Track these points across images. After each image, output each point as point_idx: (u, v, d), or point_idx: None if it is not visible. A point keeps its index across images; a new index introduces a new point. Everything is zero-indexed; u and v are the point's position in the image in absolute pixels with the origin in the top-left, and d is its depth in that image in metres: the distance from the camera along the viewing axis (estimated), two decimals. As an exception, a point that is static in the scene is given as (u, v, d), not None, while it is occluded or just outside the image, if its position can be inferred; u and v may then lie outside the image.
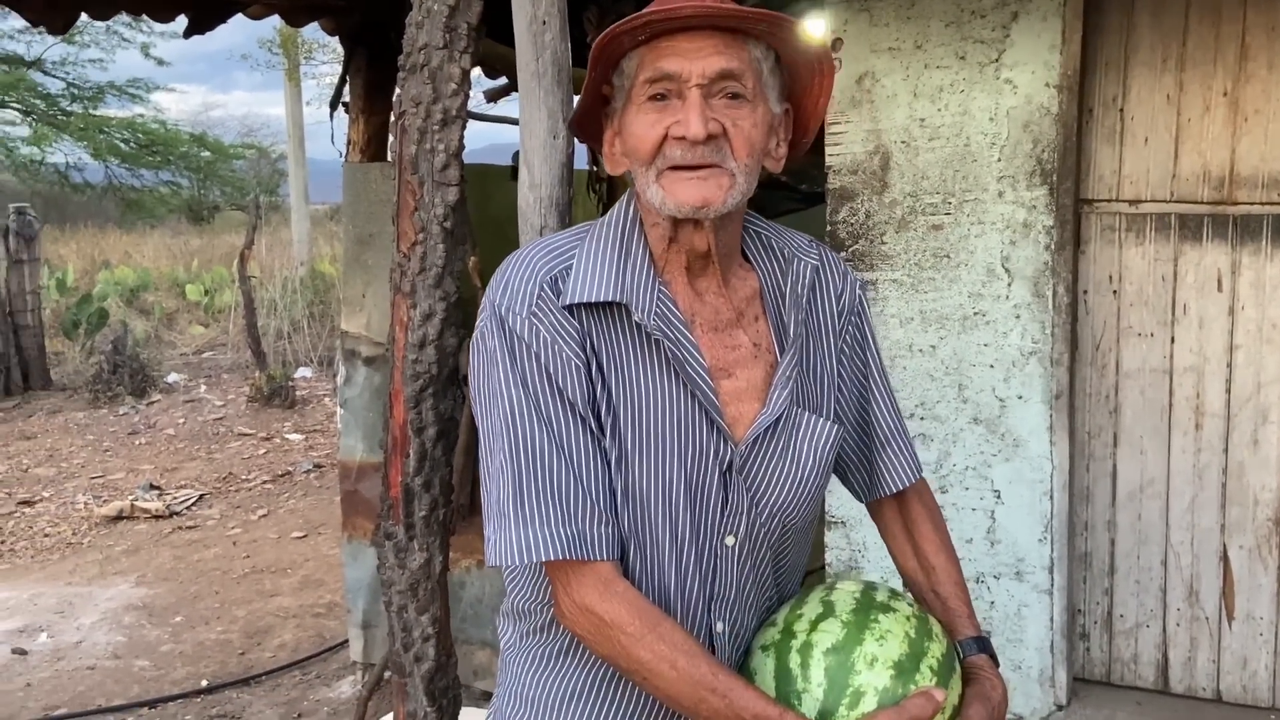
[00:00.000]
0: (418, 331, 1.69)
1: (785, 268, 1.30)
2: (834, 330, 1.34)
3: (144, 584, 5.10)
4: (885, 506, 1.45)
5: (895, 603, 1.27)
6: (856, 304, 1.37)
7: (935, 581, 1.39)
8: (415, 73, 1.62)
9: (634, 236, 1.24)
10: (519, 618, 1.33)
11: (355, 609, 3.87)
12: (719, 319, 1.26)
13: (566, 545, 1.15)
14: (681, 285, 1.24)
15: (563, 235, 1.28)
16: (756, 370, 1.26)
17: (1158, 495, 2.74)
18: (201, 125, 20.12)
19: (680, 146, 1.15)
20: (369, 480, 3.87)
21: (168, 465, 7.22)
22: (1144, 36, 2.65)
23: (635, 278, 1.21)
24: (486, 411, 1.21)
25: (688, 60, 1.15)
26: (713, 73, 1.15)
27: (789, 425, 1.26)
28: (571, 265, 1.21)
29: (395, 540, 1.72)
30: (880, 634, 1.20)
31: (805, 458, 1.27)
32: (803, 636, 1.22)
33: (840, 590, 1.29)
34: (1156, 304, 2.69)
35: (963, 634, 1.35)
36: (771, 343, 1.28)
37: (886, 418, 1.39)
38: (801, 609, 1.27)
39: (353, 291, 3.90)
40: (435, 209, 1.67)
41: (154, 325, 12.08)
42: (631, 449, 1.20)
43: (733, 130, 1.16)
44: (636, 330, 1.21)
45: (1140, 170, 2.68)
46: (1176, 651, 2.79)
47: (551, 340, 1.18)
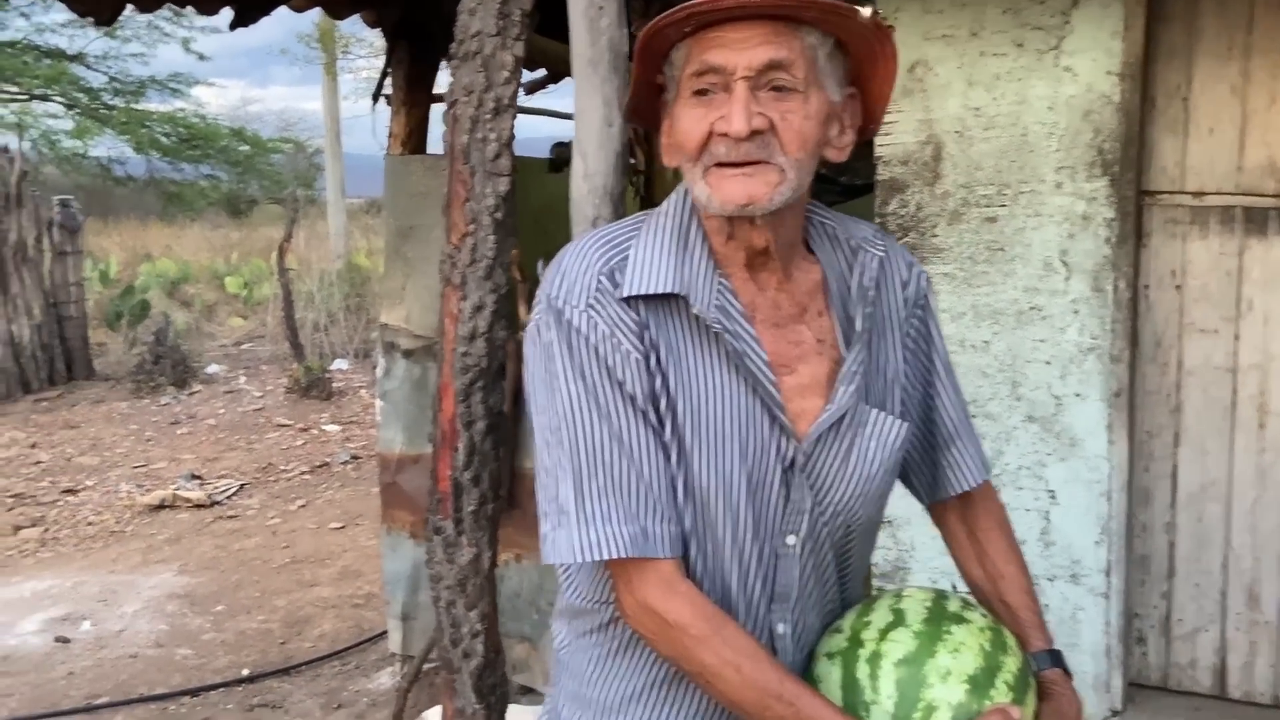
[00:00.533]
0: (468, 324, 1.67)
1: (851, 259, 1.26)
2: (899, 323, 1.29)
3: (186, 573, 5.14)
4: (949, 510, 1.39)
5: (968, 613, 1.22)
6: (922, 296, 1.32)
7: (1004, 590, 1.33)
8: (468, 60, 1.59)
9: (692, 227, 1.20)
10: (575, 617, 1.30)
11: (394, 601, 3.86)
12: (780, 313, 1.21)
13: (630, 543, 1.12)
14: (742, 279, 1.20)
15: (619, 226, 1.24)
16: (820, 366, 1.22)
17: (1219, 497, 2.66)
18: (240, 120, 20.29)
19: (724, 143, 1.11)
20: (408, 472, 3.86)
21: (208, 455, 7.28)
22: (1208, 24, 2.57)
23: (694, 269, 1.17)
24: (543, 406, 1.18)
25: (733, 52, 1.10)
26: (759, 64, 1.10)
27: (855, 422, 1.22)
28: (629, 256, 1.17)
29: (444, 535, 1.69)
30: (954, 646, 1.15)
31: (872, 456, 1.23)
32: (871, 646, 1.18)
33: (910, 598, 1.24)
34: (1220, 299, 2.60)
35: (1035, 646, 1.30)
36: (835, 337, 1.23)
37: (951, 415, 1.34)
38: (869, 616, 1.22)
39: (393, 284, 3.89)
40: (486, 199, 1.64)
41: (194, 317, 12.21)
42: (691, 445, 1.16)
43: (781, 124, 1.11)
44: (695, 323, 1.17)
45: (1204, 162, 2.60)
46: (1235, 656, 2.71)
47: (610, 333, 1.14)
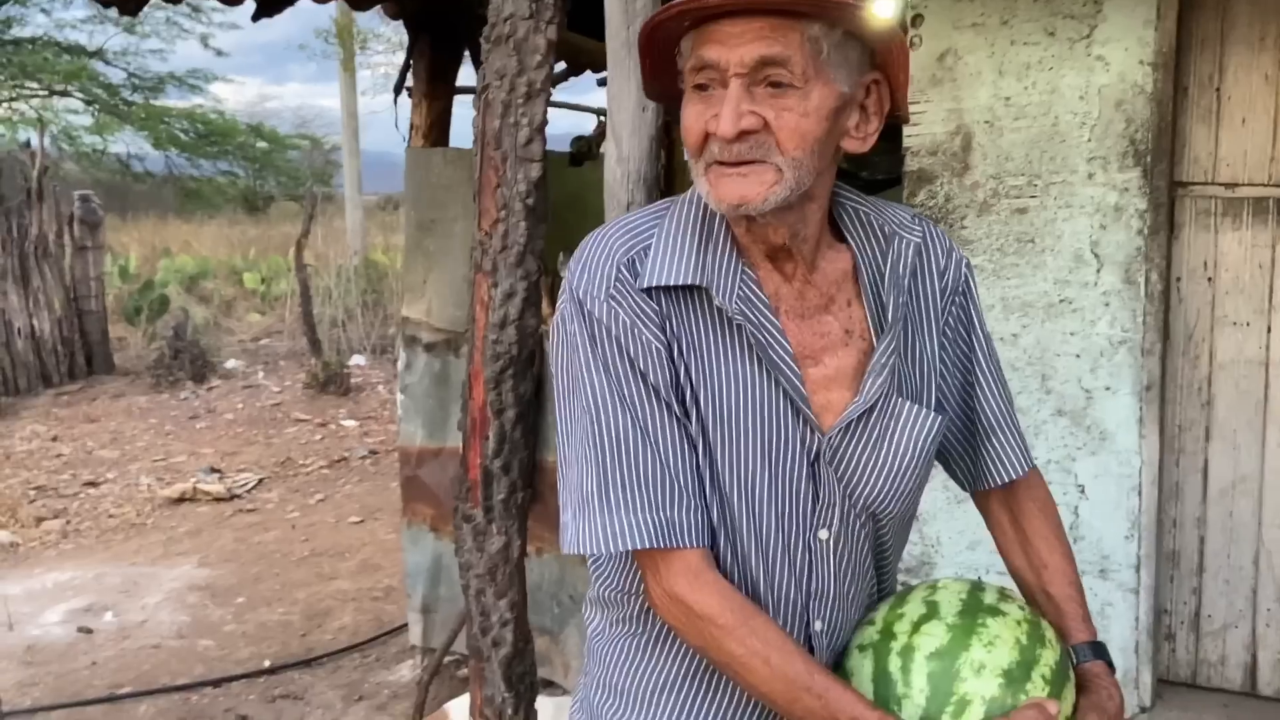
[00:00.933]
0: (499, 311, 1.65)
1: (885, 246, 1.22)
2: (936, 311, 1.26)
3: (206, 565, 5.16)
4: (992, 499, 1.36)
5: (1005, 605, 1.19)
6: (962, 283, 1.28)
7: (1047, 580, 1.30)
8: (500, 44, 1.58)
9: (715, 216, 1.17)
10: (607, 606, 1.29)
11: (414, 594, 3.86)
12: (805, 304, 1.19)
13: (655, 533, 1.11)
14: (766, 269, 1.18)
15: (642, 214, 1.22)
16: (847, 357, 1.19)
17: (1250, 492, 2.63)
18: (257, 116, 20.40)
19: (717, 143, 1.08)
20: (428, 466, 3.86)
21: (227, 449, 7.31)
22: (1242, 13, 2.54)
23: (717, 259, 1.15)
24: (567, 396, 1.17)
25: (727, 48, 1.07)
26: (751, 60, 1.06)
27: (885, 414, 1.19)
28: (650, 245, 1.15)
29: (474, 523, 1.69)
30: (989, 639, 1.13)
31: (903, 448, 1.19)
32: (904, 639, 1.16)
33: (945, 590, 1.21)
34: (1253, 292, 2.57)
35: (1076, 638, 1.27)
36: (866, 327, 1.20)
37: (993, 405, 1.30)
38: (903, 608, 1.20)
39: (414, 278, 3.88)
40: (518, 185, 1.63)
41: (213, 312, 12.26)
42: (714, 438, 1.15)
43: (776, 122, 1.07)
44: (718, 314, 1.15)
45: (1237, 152, 2.57)
46: (1266, 653, 2.68)
47: (631, 324, 1.12)
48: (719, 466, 1.15)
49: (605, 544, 1.11)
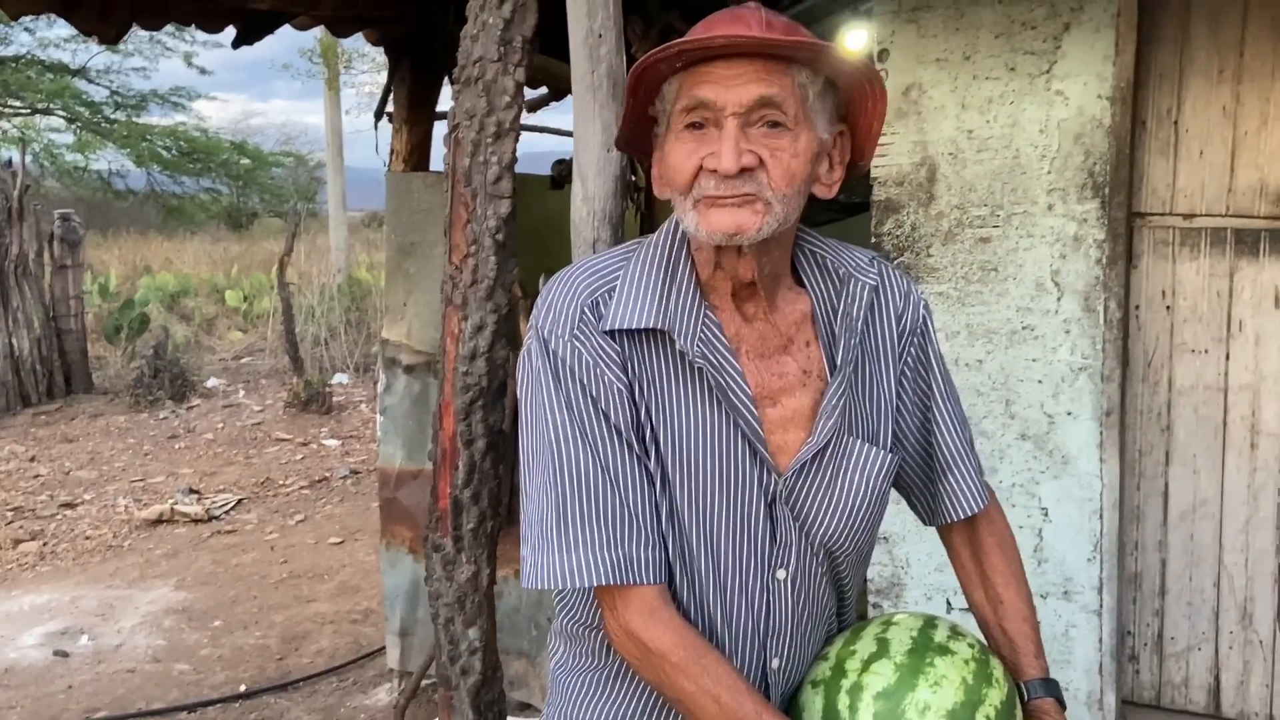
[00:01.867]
0: (468, 344, 1.69)
1: (840, 288, 1.25)
2: (893, 352, 1.29)
3: (183, 588, 5.15)
4: (954, 533, 1.40)
5: (954, 643, 1.22)
6: (919, 324, 1.31)
7: (1003, 616, 1.34)
8: (469, 85, 1.62)
9: (680, 258, 1.20)
10: (570, 640, 1.32)
11: (393, 616, 3.88)
12: (766, 345, 1.22)
13: (612, 569, 1.13)
14: (728, 310, 1.21)
15: (609, 255, 1.25)
16: (804, 397, 1.22)
17: (1211, 515, 2.69)
18: (241, 133, 20.41)
19: (714, 178, 1.12)
20: (408, 488, 3.88)
21: (207, 469, 7.29)
22: (1200, 47, 2.61)
23: (680, 302, 1.18)
24: (530, 431, 1.19)
25: (724, 89, 1.10)
26: (749, 101, 1.10)
27: (838, 453, 1.22)
28: (615, 287, 1.18)
29: (443, 552, 1.72)
30: (935, 679, 1.16)
31: (856, 487, 1.23)
32: (854, 676, 1.19)
33: (897, 627, 1.24)
34: (1211, 320, 2.64)
35: (1029, 675, 1.30)
36: (822, 368, 1.23)
37: (950, 442, 1.33)
38: (855, 645, 1.23)
39: (394, 300, 3.92)
40: (487, 221, 1.67)
41: (194, 330, 12.24)
42: (674, 477, 1.17)
43: (770, 160, 1.12)
44: (680, 356, 1.18)
45: (1195, 184, 2.63)
46: (1229, 675, 2.73)
47: (594, 364, 1.15)
48: (679, 505, 1.17)
49: (564, 579, 1.14)
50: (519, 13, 1.58)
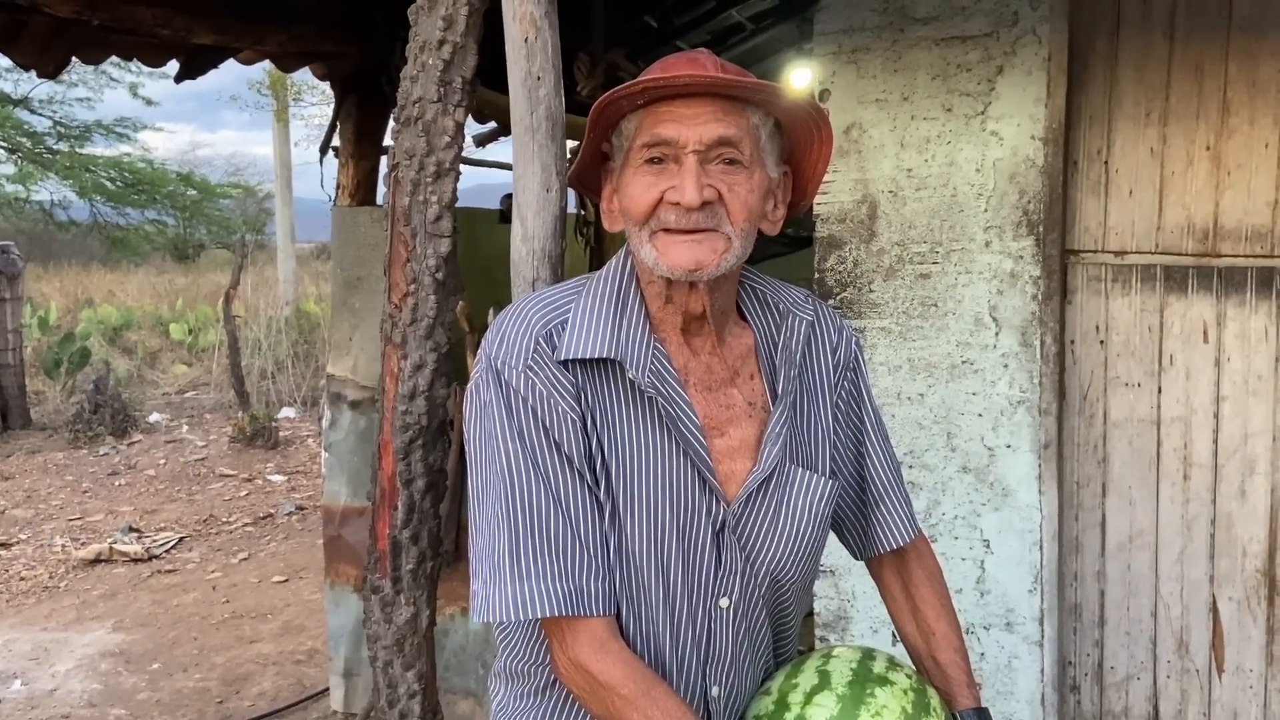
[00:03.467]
0: (408, 382, 1.68)
1: (780, 323, 1.30)
2: (829, 385, 1.33)
3: (121, 629, 5.01)
4: (884, 566, 1.43)
5: (893, 674, 1.25)
6: (852, 359, 1.36)
7: (934, 648, 1.38)
8: (409, 125, 1.63)
9: (630, 292, 1.23)
10: (513, 679, 1.31)
11: (337, 657, 3.81)
12: (713, 377, 1.25)
13: (563, 601, 1.14)
14: (676, 343, 1.24)
15: (559, 289, 1.27)
16: (750, 428, 1.25)
17: (1147, 546, 2.74)
18: (189, 164, 20.16)
19: (675, 211, 1.15)
20: (353, 525, 3.83)
21: (147, 507, 7.13)
22: (1127, 90, 2.69)
23: (630, 334, 1.20)
24: (480, 464, 1.19)
25: (685, 126, 1.15)
26: (710, 139, 1.15)
27: (782, 482, 1.25)
28: (567, 319, 1.20)
29: (382, 594, 1.70)
30: (876, 710, 1.19)
31: (800, 514, 1.26)
32: (797, 710, 1.21)
33: (837, 659, 1.27)
34: (1143, 354, 2.70)
35: (962, 704, 1.34)
36: (766, 400, 1.27)
37: (881, 474, 1.38)
38: (797, 678, 1.25)
39: (340, 334, 3.89)
40: (427, 260, 1.67)
41: (136, 364, 11.99)
42: (624, 507, 1.19)
43: (729, 195, 1.16)
44: (630, 387, 1.20)
45: (1125, 222, 2.71)
46: (1167, 704, 2.77)
47: (547, 394, 1.17)
48: (629, 535, 1.18)
49: (515, 611, 1.14)
50: (458, 54, 1.59)
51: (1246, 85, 2.58)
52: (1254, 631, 2.68)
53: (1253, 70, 2.58)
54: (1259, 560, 2.66)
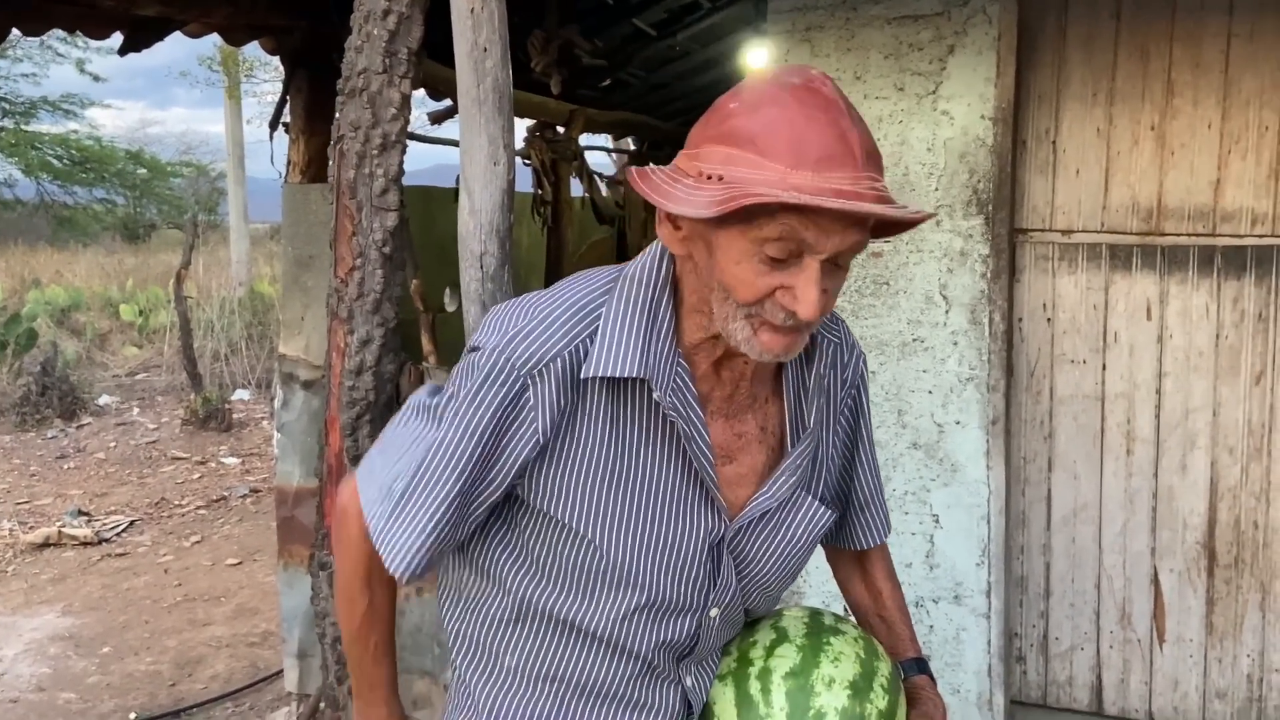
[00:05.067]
0: (355, 358, 1.67)
1: (812, 349, 1.24)
2: (837, 405, 1.32)
3: (70, 613, 4.93)
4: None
5: (842, 625, 1.30)
6: (859, 376, 1.34)
7: (881, 606, 1.42)
8: (354, 97, 1.60)
9: (664, 301, 1.15)
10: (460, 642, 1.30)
11: (290, 638, 3.77)
12: (732, 406, 1.21)
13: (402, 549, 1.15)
14: (706, 367, 1.18)
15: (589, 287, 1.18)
16: (759, 454, 1.22)
17: (1091, 519, 2.80)
18: (138, 142, 19.74)
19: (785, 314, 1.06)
20: (306, 506, 3.79)
21: (97, 490, 7.01)
22: (1075, 71, 2.73)
23: (659, 350, 1.14)
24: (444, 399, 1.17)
25: (826, 235, 1.03)
26: (845, 248, 1.05)
27: (786, 508, 1.24)
28: (597, 329, 1.13)
29: (330, 570, 1.68)
30: (834, 656, 1.23)
31: (798, 538, 1.25)
32: (760, 663, 1.24)
33: (789, 616, 1.31)
34: (1089, 332, 2.75)
35: (904, 655, 1.39)
36: (779, 425, 1.23)
37: (867, 483, 1.39)
38: (754, 636, 1.29)
39: (291, 314, 3.83)
40: (374, 234, 1.65)
41: (85, 346, 11.75)
42: (622, 519, 1.16)
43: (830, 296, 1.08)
44: (647, 401, 1.16)
45: (1072, 201, 2.75)
46: (1110, 674, 2.83)
47: (535, 404, 1.12)
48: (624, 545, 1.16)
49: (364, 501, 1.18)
50: (404, 25, 1.57)
51: (1190, 66, 2.63)
52: (1194, 602, 2.75)
53: (1196, 52, 2.62)
54: (1199, 533, 2.72)
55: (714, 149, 1.06)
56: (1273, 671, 2.70)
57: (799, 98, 1.03)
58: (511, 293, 1.62)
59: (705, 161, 1.06)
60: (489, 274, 1.58)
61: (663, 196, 1.07)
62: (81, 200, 17.40)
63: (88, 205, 17.72)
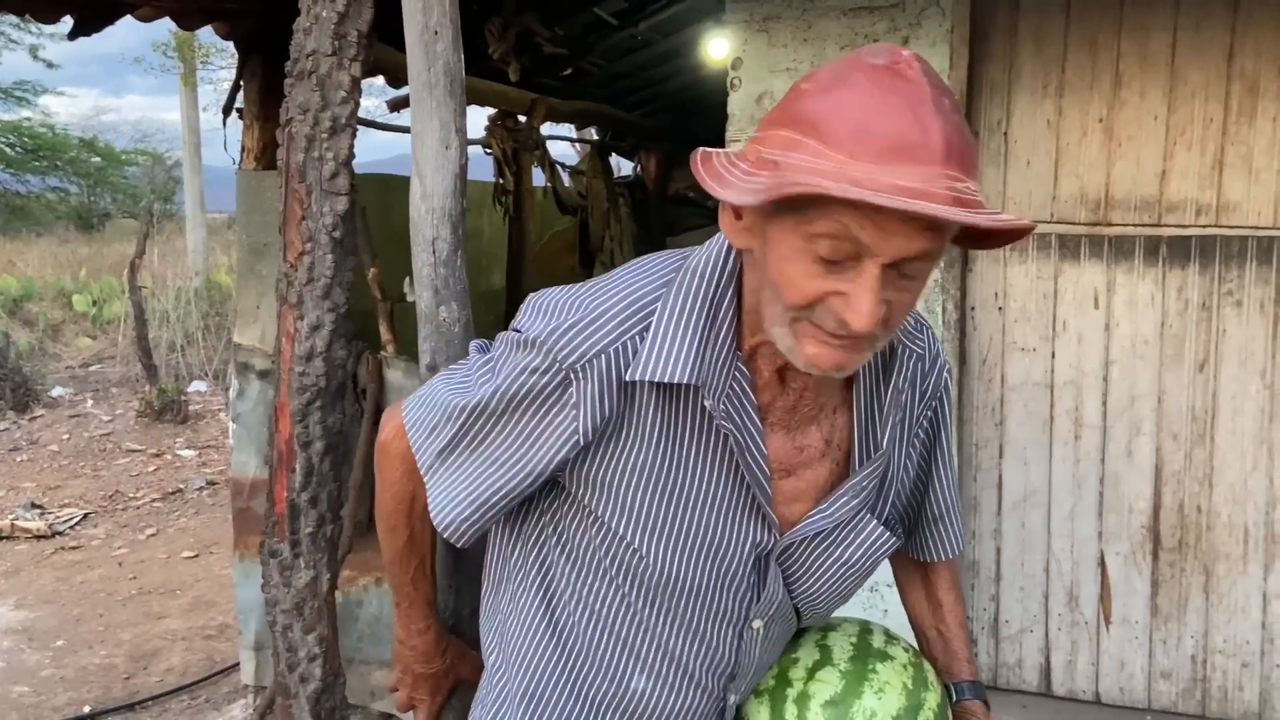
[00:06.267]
0: (305, 343, 1.66)
1: (891, 360, 1.14)
2: (914, 419, 1.22)
3: (23, 606, 4.86)
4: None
5: (891, 648, 1.23)
6: (942, 389, 1.24)
7: (940, 619, 1.36)
8: (303, 80, 1.59)
9: (725, 297, 1.06)
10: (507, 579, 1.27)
11: (247, 630, 3.74)
12: (796, 417, 1.12)
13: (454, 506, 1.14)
14: (769, 374, 1.09)
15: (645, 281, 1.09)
16: (821, 469, 1.14)
17: (1040, 504, 2.85)
18: (93, 130, 19.41)
19: (837, 322, 0.94)
20: (262, 497, 3.76)
21: (50, 483, 6.90)
22: (1026, 63, 2.77)
23: (716, 353, 1.05)
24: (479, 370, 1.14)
25: (886, 238, 0.90)
26: (912, 253, 0.91)
27: (845, 528, 1.17)
28: (650, 325, 1.05)
29: (280, 558, 1.68)
30: (879, 686, 1.17)
31: (854, 560, 1.18)
32: (799, 686, 1.19)
33: (837, 634, 1.25)
34: (1039, 320, 2.79)
35: (959, 676, 1.33)
36: (847, 438, 1.14)
37: (944, 499, 1.30)
38: (797, 653, 1.23)
39: (246, 303, 3.79)
40: (324, 218, 1.64)
41: (38, 337, 11.54)
42: (666, 525, 1.10)
43: (897, 305, 0.95)
44: (702, 406, 1.07)
45: (1023, 191, 2.79)
46: (1058, 655, 2.89)
47: (579, 402, 1.05)
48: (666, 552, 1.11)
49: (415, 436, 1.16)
50: (354, 6, 1.56)
51: (1138, 59, 2.67)
52: (1139, 585, 2.81)
53: (1144, 44, 2.67)
54: (1144, 517, 2.78)
55: (777, 133, 0.95)
56: (1215, 653, 2.77)
57: (876, 80, 0.91)
58: (465, 278, 1.62)
59: (767, 146, 0.95)
60: (441, 259, 1.58)
61: (714, 180, 0.97)
62: (34, 189, 17.08)
63: (40, 194, 17.40)
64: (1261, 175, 2.62)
